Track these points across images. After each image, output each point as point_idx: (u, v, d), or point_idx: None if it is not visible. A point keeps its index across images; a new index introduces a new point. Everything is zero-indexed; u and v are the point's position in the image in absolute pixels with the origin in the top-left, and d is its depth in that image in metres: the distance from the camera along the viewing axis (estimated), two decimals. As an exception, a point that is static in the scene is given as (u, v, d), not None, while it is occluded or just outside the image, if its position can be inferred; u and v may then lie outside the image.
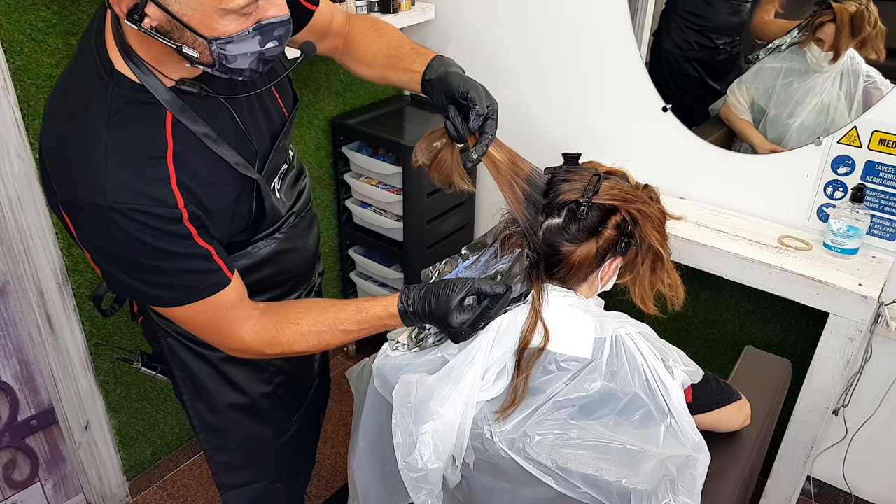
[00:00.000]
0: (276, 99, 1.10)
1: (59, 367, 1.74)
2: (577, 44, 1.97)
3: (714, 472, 1.00)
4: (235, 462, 1.32)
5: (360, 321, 1.04)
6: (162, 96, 0.90)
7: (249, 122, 1.03)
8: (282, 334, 1.04)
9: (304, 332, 1.04)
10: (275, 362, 1.25)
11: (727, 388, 1.14)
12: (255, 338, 1.03)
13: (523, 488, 1.04)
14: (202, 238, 0.95)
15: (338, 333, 1.05)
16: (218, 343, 1.06)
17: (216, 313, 1.00)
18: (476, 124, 0.99)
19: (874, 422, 1.85)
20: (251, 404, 1.26)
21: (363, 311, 1.04)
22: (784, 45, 1.74)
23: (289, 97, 1.14)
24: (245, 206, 1.04)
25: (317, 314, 1.05)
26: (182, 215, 0.91)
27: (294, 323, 1.04)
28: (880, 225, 1.67)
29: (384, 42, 1.18)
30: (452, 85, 1.02)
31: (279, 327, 1.04)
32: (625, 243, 1.02)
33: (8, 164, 1.49)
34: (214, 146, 0.95)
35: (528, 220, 1.02)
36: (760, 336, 1.99)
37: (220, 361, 1.20)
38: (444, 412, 0.97)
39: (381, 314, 1.03)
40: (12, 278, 1.64)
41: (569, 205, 1.00)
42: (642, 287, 1.07)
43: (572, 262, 1.02)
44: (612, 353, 0.99)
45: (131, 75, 0.89)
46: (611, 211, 1.01)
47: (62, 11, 1.50)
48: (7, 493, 1.80)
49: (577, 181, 1.02)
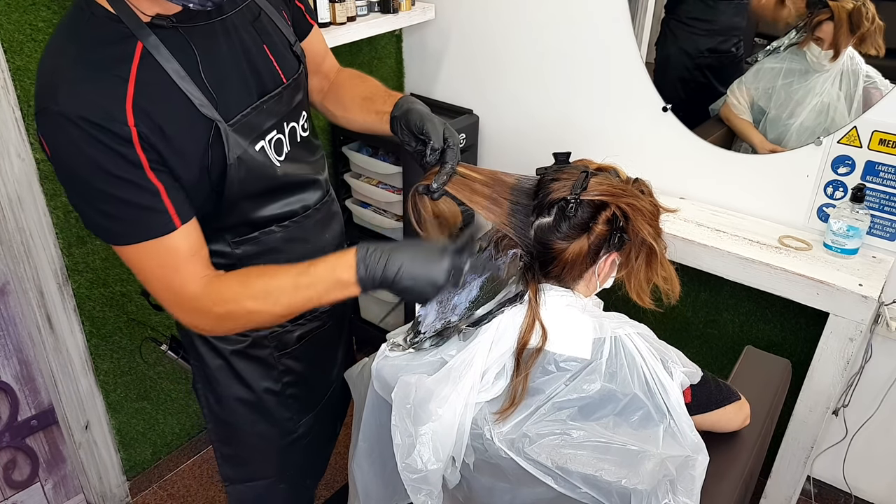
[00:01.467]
0: (272, 62, 1.09)
1: (59, 367, 1.74)
2: (578, 44, 1.97)
3: (714, 473, 1.00)
4: (239, 456, 1.33)
5: (312, 272, 0.98)
6: (135, 27, 0.92)
7: (229, 73, 1.02)
8: (229, 289, 1.00)
9: (254, 284, 1.00)
10: (284, 362, 1.25)
11: (726, 389, 1.14)
12: (203, 292, 0.99)
13: (523, 488, 1.04)
14: (154, 172, 0.93)
15: (287, 287, 0.98)
16: (168, 299, 1.01)
17: (164, 261, 0.97)
18: (433, 158, 1.06)
19: (874, 422, 1.85)
20: (257, 401, 1.26)
21: (317, 262, 0.99)
22: (783, 45, 1.74)
23: (289, 65, 1.13)
24: (218, 155, 1.00)
25: (272, 270, 1.01)
26: (131, 134, 0.89)
27: (245, 277, 1.01)
28: (880, 225, 1.67)
29: (363, 87, 1.27)
30: (411, 121, 1.10)
31: (229, 283, 1.01)
32: (617, 238, 1.02)
33: (8, 164, 1.49)
34: (181, 83, 0.95)
35: (517, 227, 1.03)
36: (760, 336, 1.99)
37: (231, 355, 1.21)
38: (443, 413, 0.97)
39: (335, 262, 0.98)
40: (12, 278, 1.64)
41: (558, 203, 1.00)
42: (638, 281, 1.07)
43: (565, 259, 1.01)
44: (612, 353, 0.99)
45: (107, 6, 0.92)
46: (601, 206, 1.00)
47: (62, 11, 1.50)
48: (7, 493, 1.80)
49: (566, 179, 1.01)
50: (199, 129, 0.97)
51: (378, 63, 2.33)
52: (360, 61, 2.26)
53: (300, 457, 1.38)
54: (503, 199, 1.03)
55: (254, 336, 1.21)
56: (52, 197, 1.59)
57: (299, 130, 1.16)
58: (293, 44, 1.14)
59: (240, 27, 1.05)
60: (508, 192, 1.04)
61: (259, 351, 1.23)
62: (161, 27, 0.94)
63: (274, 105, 1.08)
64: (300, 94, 1.15)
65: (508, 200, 1.03)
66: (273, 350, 1.24)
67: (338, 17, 1.91)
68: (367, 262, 0.95)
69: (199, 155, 0.98)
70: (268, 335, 1.22)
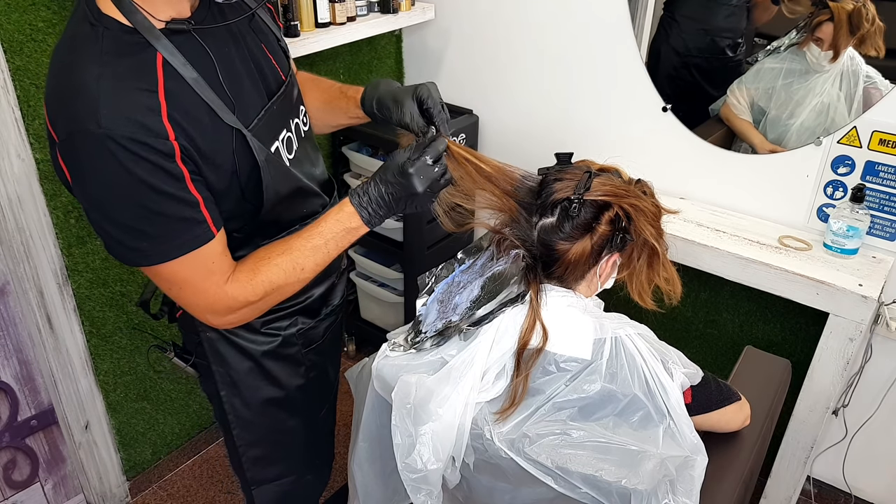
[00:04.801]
0: (271, 61, 1.10)
1: (59, 367, 1.74)
2: (578, 44, 1.97)
3: (714, 473, 1.00)
4: (269, 456, 1.33)
5: (322, 231, 1.05)
6: (150, 36, 0.91)
7: (242, 77, 1.03)
8: (259, 272, 1.02)
9: (277, 261, 1.03)
10: (310, 357, 1.26)
11: (727, 389, 1.14)
12: (238, 287, 1.01)
13: (523, 488, 1.04)
14: (194, 184, 0.93)
15: (307, 252, 1.04)
16: (202, 306, 1.03)
17: (201, 270, 0.98)
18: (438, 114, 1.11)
19: (874, 422, 1.86)
20: (286, 398, 1.27)
21: (321, 219, 1.06)
22: (783, 45, 1.74)
23: (282, 61, 1.14)
24: (245, 161, 1.01)
25: (282, 242, 1.06)
26: (174, 150, 0.90)
27: (265, 257, 1.04)
28: (880, 225, 1.67)
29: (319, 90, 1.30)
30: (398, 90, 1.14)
31: (254, 266, 1.03)
32: (620, 239, 1.02)
33: (8, 164, 1.49)
34: (201, 91, 0.94)
35: (520, 227, 1.03)
36: (760, 336, 1.99)
37: (262, 356, 1.21)
38: (443, 413, 0.97)
39: (337, 216, 1.05)
40: (12, 278, 1.64)
41: (561, 203, 1.00)
42: (639, 282, 1.08)
43: (568, 259, 1.02)
44: (612, 354, 0.99)
45: (120, 17, 0.90)
46: (604, 207, 1.01)
47: (62, 11, 1.50)
48: (7, 493, 1.80)
49: (568, 179, 1.02)
50: (224, 138, 0.98)
51: (378, 63, 2.32)
52: (360, 61, 2.26)
53: (321, 446, 1.40)
54: (507, 195, 1.03)
55: (284, 335, 1.21)
56: (52, 197, 1.59)
57: (301, 125, 1.17)
58: (280, 38, 1.15)
59: (243, 30, 1.05)
60: (512, 189, 1.04)
61: (288, 349, 1.23)
62: (176, 32, 0.93)
63: (281, 104, 1.09)
64: (296, 89, 1.16)
65: (512, 198, 1.03)
66: (301, 347, 1.24)
67: (337, 17, 1.91)
68: (365, 206, 1.05)
69: (229, 162, 0.99)
70: (296, 333, 1.22)
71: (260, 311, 1.08)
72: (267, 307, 1.08)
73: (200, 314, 1.04)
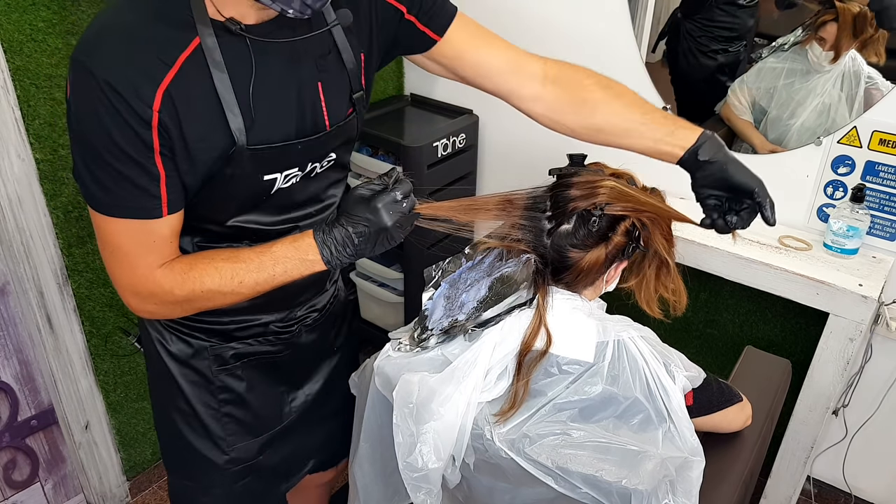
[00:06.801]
0: (321, 103, 1.04)
1: (59, 367, 1.74)
2: (577, 44, 1.97)
3: (714, 473, 1.01)
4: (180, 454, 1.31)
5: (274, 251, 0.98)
6: (200, 21, 0.89)
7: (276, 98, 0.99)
8: (195, 268, 0.98)
9: (218, 265, 0.98)
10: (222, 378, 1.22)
11: (728, 390, 1.14)
12: (169, 275, 0.98)
13: (523, 488, 1.04)
14: (161, 158, 0.91)
15: (251, 266, 0.98)
16: (126, 281, 0.99)
17: (139, 241, 0.95)
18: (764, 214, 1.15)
19: (874, 422, 1.86)
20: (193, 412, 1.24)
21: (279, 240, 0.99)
22: (788, 42, 1.74)
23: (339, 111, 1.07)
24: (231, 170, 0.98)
25: (233, 250, 1.02)
26: (152, 118, 0.88)
27: (208, 257, 1.00)
28: (880, 225, 1.67)
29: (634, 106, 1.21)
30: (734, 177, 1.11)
31: (193, 262, 0.99)
32: (633, 248, 1.03)
33: (8, 164, 1.49)
34: (222, 91, 0.92)
35: (531, 231, 1.02)
36: (760, 336, 1.99)
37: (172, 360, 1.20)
38: (445, 412, 0.97)
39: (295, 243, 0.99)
40: (12, 278, 1.64)
41: (579, 212, 1.00)
42: (647, 291, 1.08)
43: (581, 267, 1.02)
44: (615, 356, 0.99)
45: None
46: (621, 217, 1.01)
47: (62, 11, 1.50)
48: (7, 493, 1.80)
49: (584, 185, 1.01)
50: (218, 142, 0.94)
51: (378, 63, 2.32)
52: (360, 61, 2.25)
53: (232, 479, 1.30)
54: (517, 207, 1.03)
55: (196, 346, 1.18)
56: (52, 197, 1.59)
57: (318, 169, 1.10)
58: (354, 91, 1.08)
59: (303, 57, 1.00)
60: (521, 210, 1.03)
61: (199, 362, 1.20)
62: (228, 31, 0.91)
63: (307, 148, 1.04)
64: (338, 142, 1.10)
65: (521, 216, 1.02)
66: (212, 363, 1.20)
67: (338, 17, 1.90)
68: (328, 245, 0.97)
69: (208, 166, 0.95)
70: (208, 347, 1.19)
71: (184, 311, 1.03)
72: (193, 310, 1.02)
73: (123, 290, 1.01)
